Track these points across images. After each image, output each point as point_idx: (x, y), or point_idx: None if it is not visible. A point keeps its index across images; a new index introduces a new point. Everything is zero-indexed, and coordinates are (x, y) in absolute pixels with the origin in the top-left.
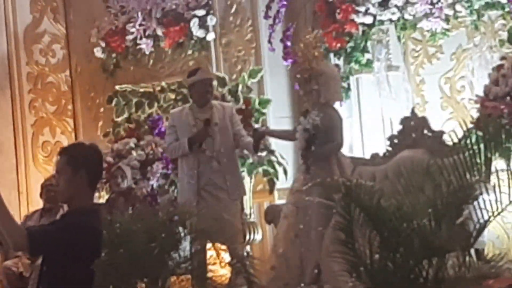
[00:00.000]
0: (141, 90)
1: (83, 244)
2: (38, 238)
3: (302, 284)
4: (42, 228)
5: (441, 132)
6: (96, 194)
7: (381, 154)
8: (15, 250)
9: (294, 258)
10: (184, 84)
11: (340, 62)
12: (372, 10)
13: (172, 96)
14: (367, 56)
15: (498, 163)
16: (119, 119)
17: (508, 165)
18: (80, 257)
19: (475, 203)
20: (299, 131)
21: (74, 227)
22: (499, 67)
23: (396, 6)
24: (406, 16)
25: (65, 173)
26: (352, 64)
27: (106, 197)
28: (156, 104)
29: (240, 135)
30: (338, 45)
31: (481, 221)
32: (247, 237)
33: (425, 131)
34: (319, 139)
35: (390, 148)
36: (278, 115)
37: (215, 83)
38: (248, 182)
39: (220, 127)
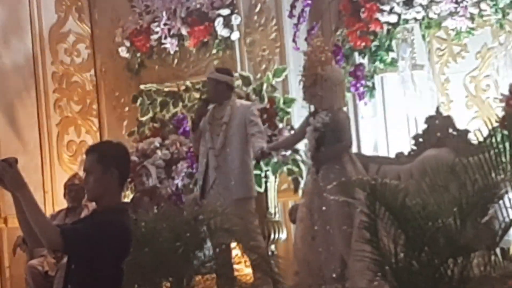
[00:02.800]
0: (166, 89)
1: (116, 242)
2: (72, 235)
3: (323, 287)
4: (75, 226)
5: (466, 131)
6: None
7: (406, 153)
8: (48, 248)
9: (314, 261)
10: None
11: (365, 61)
12: (397, 9)
13: (197, 95)
14: (392, 55)
15: None
16: (143, 119)
17: None
18: (112, 255)
19: (501, 202)
20: (308, 132)
21: (107, 225)
22: None
23: (420, 4)
24: (431, 15)
25: (95, 171)
26: (377, 63)
27: (131, 196)
28: (180, 104)
29: (252, 135)
30: (363, 44)
31: (507, 220)
32: (272, 236)
33: (450, 130)
34: (328, 139)
35: (415, 147)
36: (302, 114)
37: (237, 82)
38: (272, 181)
39: (228, 126)
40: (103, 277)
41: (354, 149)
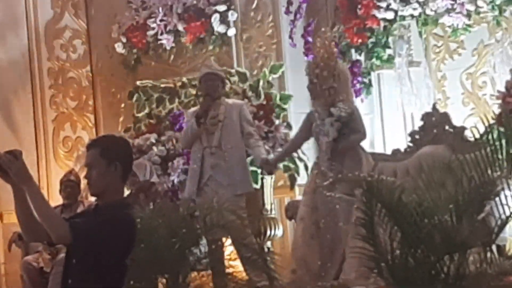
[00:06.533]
0: (162, 85)
1: (123, 237)
2: (81, 229)
3: (319, 283)
4: (83, 220)
5: (463, 128)
6: None
7: (402, 150)
8: (56, 242)
9: (313, 260)
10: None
11: (362, 57)
12: (394, 5)
13: (193, 91)
14: (389, 51)
15: None
16: (140, 115)
17: None
18: (118, 250)
19: (497, 199)
20: (327, 124)
21: (116, 220)
22: None
23: (417, 1)
24: (428, 12)
25: (99, 165)
26: (374, 60)
27: (127, 192)
28: (177, 100)
29: (251, 135)
30: (360, 40)
31: (503, 217)
32: (268, 233)
33: (447, 127)
34: (344, 131)
35: (411, 144)
36: (298, 110)
37: (234, 78)
38: (268, 178)
39: (224, 124)
40: (107, 272)
41: None
